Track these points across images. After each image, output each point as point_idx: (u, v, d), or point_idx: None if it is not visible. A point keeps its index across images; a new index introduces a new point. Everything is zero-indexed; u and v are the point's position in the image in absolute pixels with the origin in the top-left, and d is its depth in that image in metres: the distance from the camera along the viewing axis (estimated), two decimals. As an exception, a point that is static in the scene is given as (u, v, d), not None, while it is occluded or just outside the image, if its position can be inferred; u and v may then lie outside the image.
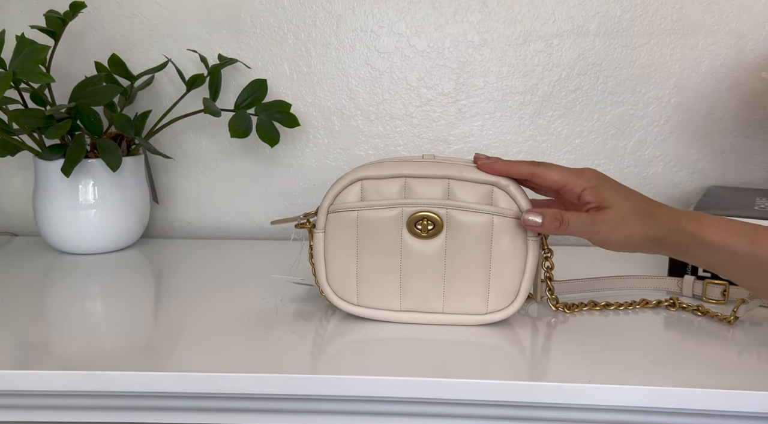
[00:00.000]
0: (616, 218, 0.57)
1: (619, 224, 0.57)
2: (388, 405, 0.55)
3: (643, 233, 0.57)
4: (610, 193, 0.58)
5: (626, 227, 0.57)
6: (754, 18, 0.89)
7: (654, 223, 0.57)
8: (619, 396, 0.52)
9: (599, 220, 0.57)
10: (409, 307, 0.63)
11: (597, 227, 0.57)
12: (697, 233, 0.55)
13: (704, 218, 0.56)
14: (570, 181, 0.59)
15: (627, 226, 0.57)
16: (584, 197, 0.58)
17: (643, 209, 0.58)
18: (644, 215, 0.57)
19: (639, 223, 0.57)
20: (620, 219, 0.57)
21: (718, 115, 0.93)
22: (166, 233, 1.00)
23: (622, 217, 0.57)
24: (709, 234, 0.55)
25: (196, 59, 0.93)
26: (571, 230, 0.58)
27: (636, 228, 0.57)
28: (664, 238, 0.57)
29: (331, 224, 0.62)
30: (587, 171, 0.60)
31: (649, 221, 0.57)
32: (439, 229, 0.61)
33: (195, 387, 0.54)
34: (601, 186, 0.58)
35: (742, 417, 0.53)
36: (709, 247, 0.55)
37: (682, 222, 0.56)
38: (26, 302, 0.71)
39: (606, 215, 0.57)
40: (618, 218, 0.57)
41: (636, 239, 0.57)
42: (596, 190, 0.58)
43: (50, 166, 0.83)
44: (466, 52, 0.93)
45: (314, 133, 0.96)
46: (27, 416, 0.57)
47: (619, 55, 0.92)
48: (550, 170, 0.60)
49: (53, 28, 0.81)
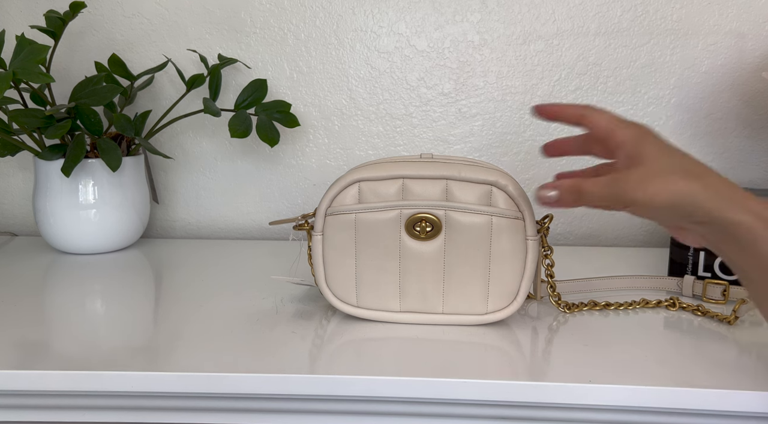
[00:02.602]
0: (647, 173, 0.47)
1: (650, 179, 0.46)
2: (388, 405, 0.55)
3: (680, 192, 0.45)
4: (650, 147, 0.48)
5: (657, 184, 0.46)
6: (754, 18, 0.89)
7: (701, 186, 0.45)
8: (619, 396, 0.52)
9: (624, 178, 0.48)
10: (408, 308, 0.63)
11: (621, 186, 0.48)
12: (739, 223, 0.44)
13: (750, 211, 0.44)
14: (615, 129, 0.51)
15: (658, 182, 0.46)
16: (623, 149, 0.50)
17: (687, 169, 0.46)
18: (687, 175, 0.46)
19: (677, 181, 0.46)
20: (652, 174, 0.47)
21: (718, 115, 0.93)
22: (166, 233, 1.00)
23: (655, 172, 0.47)
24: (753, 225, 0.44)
25: (196, 59, 0.93)
26: (592, 199, 0.49)
27: (671, 186, 0.46)
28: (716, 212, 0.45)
29: (329, 227, 0.62)
30: (637, 124, 0.51)
31: (692, 182, 0.45)
32: (438, 230, 0.61)
33: (195, 387, 0.54)
34: (645, 139, 0.49)
35: (742, 417, 0.53)
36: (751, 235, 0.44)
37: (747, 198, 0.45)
38: (26, 302, 0.71)
39: (634, 171, 0.48)
40: (649, 173, 0.47)
41: (668, 199, 0.46)
42: (636, 142, 0.49)
43: (50, 166, 0.83)
44: (466, 52, 0.93)
45: (314, 133, 0.96)
46: (27, 416, 0.57)
47: (619, 55, 0.92)
48: (600, 115, 0.53)
49: (53, 28, 0.81)
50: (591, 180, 0.50)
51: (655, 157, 0.48)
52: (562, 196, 0.50)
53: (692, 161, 0.48)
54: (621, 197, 0.48)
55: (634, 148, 0.49)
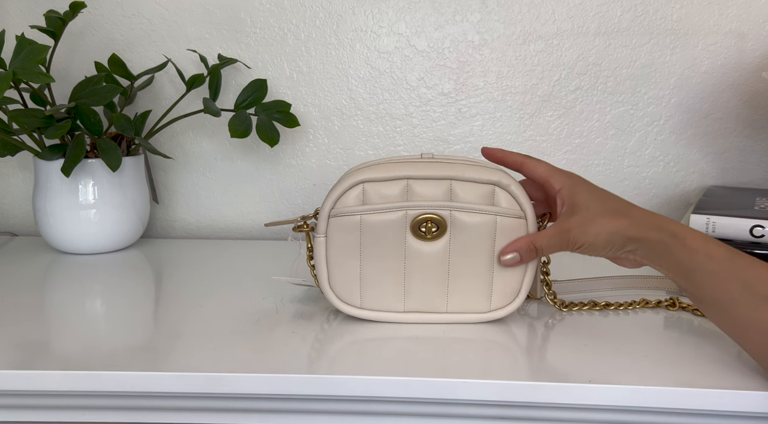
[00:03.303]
0: (584, 219, 0.57)
1: (588, 224, 0.57)
2: (388, 405, 0.55)
3: (612, 229, 0.56)
4: (583, 195, 0.58)
5: (595, 227, 0.57)
6: (754, 18, 0.89)
7: (627, 221, 0.57)
8: (619, 396, 0.52)
9: (568, 226, 0.58)
10: (412, 308, 0.63)
11: (567, 235, 0.58)
12: (679, 232, 0.55)
13: (683, 225, 0.56)
14: (551, 178, 0.60)
15: (595, 225, 0.57)
16: (560, 196, 0.59)
17: (615, 209, 0.58)
18: (615, 214, 0.57)
19: (608, 221, 0.57)
20: (589, 220, 0.57)
21: (718, 115, 0.93)
22: (166, 233, 1.00)
23: (591, 217, 0.57)
24: (690, 237, 0.55)
25: (196, 59, 0.93)
26: (547, 250, 0.59)
27: (605, 226, 0.57)
28: (640, 237, 0.56)
29: (332, 229, 0.62)
30: (570, 174, 0.60)
31: (620, 219, 0.57)
32: (443, 230, 0.61)
33: (195, 387, 0.54)
34: (577, 188, 0.59)
35: (742, 417, 0.53)
36: (689, 248, 0.54)
37: (662, 221, 0.56)
38: (26, 301, 0.71)
39: (574, 219, 0.58)
40: (586, 219, 0.57)
41: (606, 237, 0.57)
42: (571, 191, 0.59)
43: (50, 166, 0.83)
44: (466, 52, 0.93)
45: (314, 133, 0.96)
46: (27, 416, 0.57)
47: (619, 55, 0.92)
48: (538, 165, 0.61)
49: (53, 28, 0.81)
50: (542, 235, 0.59)
51: (588, 205, 0.58)
52: (523, 256, 0.60)
53: (619, 201, 0.59)
54: (570, 244, 0.58)
55: (570, 197, 0.59)
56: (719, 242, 0.55)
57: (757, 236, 0.72)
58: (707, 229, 0.74)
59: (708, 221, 0.73)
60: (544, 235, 0.59)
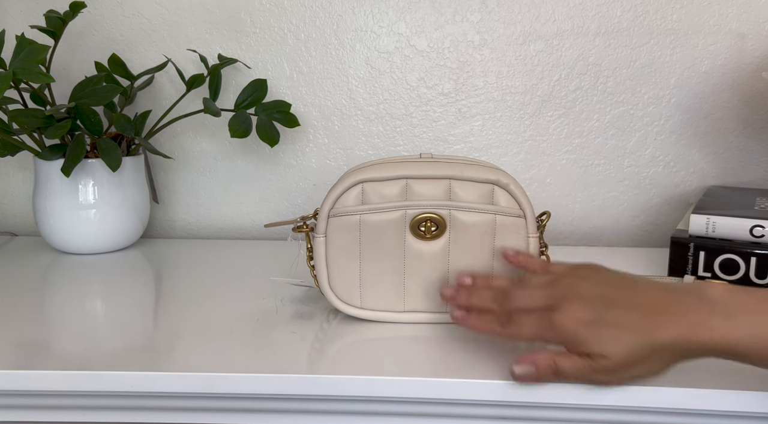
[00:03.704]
0: (612, 367, 0.49)
1: (619, 370, 0.50)
2: (388, 405, 0.55)
3: (654, 369, 0.50)
4: (594, 342, 0.49)
5: (629, 371, 0.50)
6: (754, 18, 0.89)
7: (664, 355, 0.49)
8: (619, 396, 0.52)
9: (596, 370, 0.50)
10: (412, 307, 0.63)
11: (596, 377, 0.51)
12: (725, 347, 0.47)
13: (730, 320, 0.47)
14: (544, 335, 0.51)
15: (630, 370, 0.50)
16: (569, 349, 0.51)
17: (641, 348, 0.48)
18: (646, 353, 0.48)
19: (643, 363, 0.49)
20: (618, 366, 0.49)
21: (718, 115, 0.93)
22: (166, 233, 1.00)
23: (620, 363, 0.49)
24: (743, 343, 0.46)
25: (196, 59, 0.93)
26: (567, 377, 0.51)
27: (642, 368, 0.49)
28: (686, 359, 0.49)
29: (332, 229, 0.62)
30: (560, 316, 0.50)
31: (656, 358, 0.49)
32: (443, 230, 0.61)
33: (195, 387, 0.54)
34: (581, 334, 0.49)
35: (742, 417, 0.53)
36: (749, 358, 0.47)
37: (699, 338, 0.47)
38: (26, 301, 0.71)
39: (600, 366, 0.49)
40: (615, 366, 0.49)
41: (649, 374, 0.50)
42: (576, 343, 0.50)
43: (50, 166, 0.83)
44: (466, 52, 0.93)
45: (314, 133, 0.96)
46: (27, 416, 0.57)
47: (619, 55, 0.92)
48: (520, 329, 0.52)
49: (53, 28, 0.81)
50: (567, 360, 0.50)
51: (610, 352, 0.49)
52: (539, 373, 0.51)
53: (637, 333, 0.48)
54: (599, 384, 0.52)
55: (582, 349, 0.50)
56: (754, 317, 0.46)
57: (757, 236, 0.72)
58: (707, 229, 0.74)
59: (708, 221, 0.73)
60: (572, 362, 0.50)
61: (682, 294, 0.49)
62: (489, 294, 0.56)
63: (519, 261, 0.59)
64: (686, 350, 0.48)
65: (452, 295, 0.58)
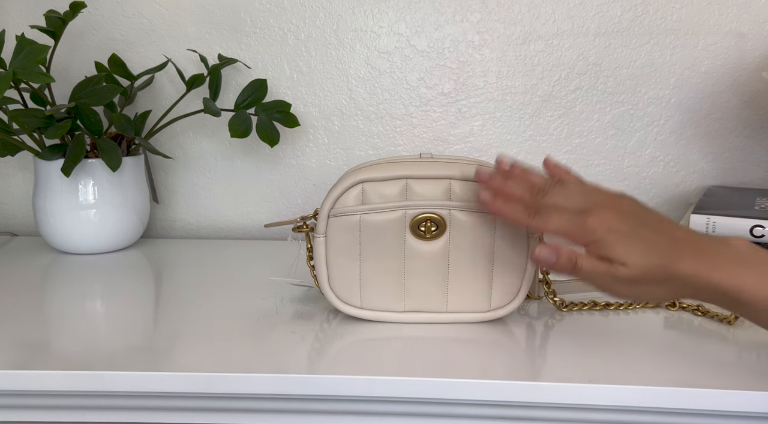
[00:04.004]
0: (629, 277, 0.51)
1: (633, 283, 0.51)
2: (388, 405, 0.55)
3: (662, 294, 0.52)
4: (621, 248, 0.51)
5: (641, 287, 0.51)
6: (754, 18, 0.89)
7: (676, 283, 0.50)
8: (619, 396, 0.52)
9: (612, 276, 0.51)
10: (412, 307, 0.63)
11: (609, 283, 0.52)
12: (735, 291, 0.48)
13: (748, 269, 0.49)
14: (571, 232, 0.52)
15: (642, 286, 0.51)
16: (592, 251, 0.52)
17: (662, 268, 0.50)
18: (663, 276, 0.50)
19: (656, 285, 0.51)
20: (634, 278, 0.51)
21: (718, 115, 0.93)
22: (166, 233, 1.00)
23: (637, 276, 0.50)
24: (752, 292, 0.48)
25: (196, 59, 0.93)
26: (583, 277, 0.53)
27: (653, 289, 0.51)
28: (693, 295, 0.51)
29: (332, 229, 0.62)
30: (594, 219, 0.51)
31: (669, 283, 0.51)
32: (443, 230, 0.61)
33: (195, 387, 0.54)
34: (610, 240, 0.51)
35: (742, 417, 0.53)
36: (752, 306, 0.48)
37: (715, 277, 0.49)
38: (26, 301, 0.71)
39: (619, 273, 0.51)
40: (632, 277, 0.51)
41: (654, 298, 0.53)
42: (603, 245, 0.51)
43: (50, 166, 0.83)
44: (466, 52, 0.93)
45: (314, 133, 0.96)
46: (27, 416, 0.57)
47: (619, 55, 0.92)
48: (548, 221, 0.53)
49: (53, 28, 0.81)
50: (588, 260, 0.52)
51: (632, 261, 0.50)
52: (560, 262, 0.53)
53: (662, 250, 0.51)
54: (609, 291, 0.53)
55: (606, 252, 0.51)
56: None
57: (758, 236, 0.72)
58: (707, 229, 0.74)
59: (708, 221, 0.74)
60: (592, 264, 0.52)
61: (709, 238, 0.52)
62: (525, 184, 0.56)
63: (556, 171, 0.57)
64: (700, 286, 0.50)
65: (488, 177, 0.57)
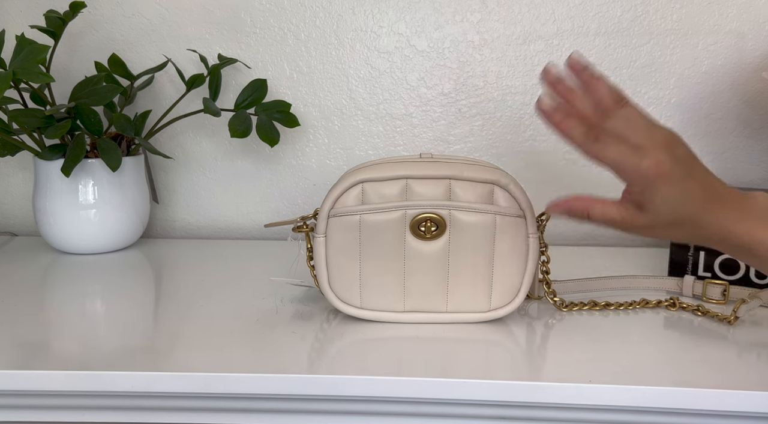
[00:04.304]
0: (647, 225, 0.53)
1: (651, 230, 0.53)
2: (389, 405, 0.55)
3: (678, 236, 0.54)
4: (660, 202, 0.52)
5: (658, 232, 0.53)
6: (754, 18, 0.89)
7: (697, 230, 0.53)
8: (619, 396, 0.52)
9: (629, 223, 0.53)
10: (412, 307, 0.63)
11: (628, 227, 0.54)
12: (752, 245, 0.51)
13: (763, 226, 0.51)
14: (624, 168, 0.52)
15: (659, 231, 0.53)
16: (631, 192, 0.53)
17: (689, 217, 0.52)
18: (687, 223, 0.52)
19: (676, 228, 0.53)
20: (652, 226, 0.53)
21: (718, 115, 0.93)
22: (166, 233, 1.00)
23: (656, 225, 0.53)
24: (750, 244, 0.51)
25: (196, 59, 0.93)
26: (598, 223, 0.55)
27: (671, 232, 0.53)
28: (708, 242, 0.53)
29: (332, 229, 0.62)
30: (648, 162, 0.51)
31: (689, 228, 0.53)
32: (443, 230, 0.61)
33: (195, 387, 0.54)
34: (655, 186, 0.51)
35: (742, 417, 0.53)
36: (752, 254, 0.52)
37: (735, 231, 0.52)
38: (26, 302, 0.71)
39: (637, 220, 0.53)
40: (650, 225, 0.53)
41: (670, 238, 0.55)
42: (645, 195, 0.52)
43: (50, 166, 0.83)
44: (466, 52, 0.93)
45: (314, 133, 0.96)
46: (27, 416, 0.57)
47: (619, 55, 0.92)
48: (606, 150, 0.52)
49: (53, 28, 0.81)
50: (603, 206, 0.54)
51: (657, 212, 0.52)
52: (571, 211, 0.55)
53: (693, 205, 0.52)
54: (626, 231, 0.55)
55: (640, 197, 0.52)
56: None
57: (757, 236, 0.71)
58: (707, 229, 0.74)
59: (708, 221, 0.73)
60: (606, 209, 0.54)
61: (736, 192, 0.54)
62: (591, 103, 0.54)
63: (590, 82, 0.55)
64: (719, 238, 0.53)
65: (556, 79, 0.54)
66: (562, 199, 0.56)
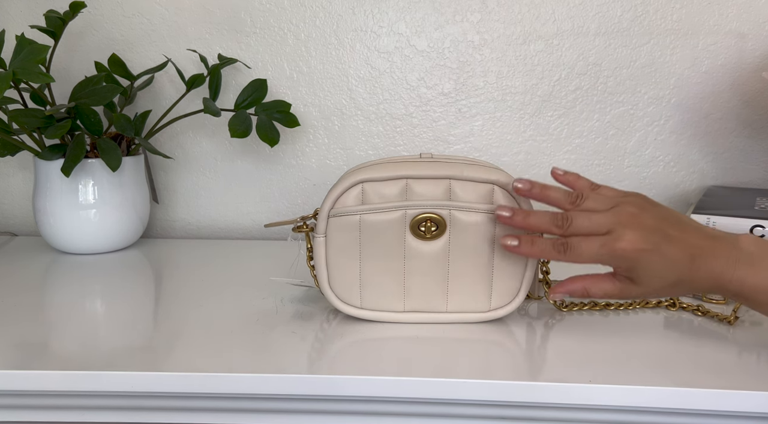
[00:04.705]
0: (643, 293, 0.56)
1: (649, 295, 0.57)
2: (388, 405, 0.55)
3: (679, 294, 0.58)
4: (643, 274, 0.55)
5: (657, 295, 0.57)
6: (754, 18, 0.89)
7: (692, 287, 0.55)
8: (619, 396, 0.52)
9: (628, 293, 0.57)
10: (412, 307, 0.63)
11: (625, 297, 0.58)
12: (740, 289, 0.53)
13: (754, 268, 0.53)
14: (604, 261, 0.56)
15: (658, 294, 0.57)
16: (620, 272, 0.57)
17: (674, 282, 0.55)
18: (671, 287, 0.55)
19: (673, 292, 0.56)
20: (648, 293, 0.56)
21: (718, 115, 0.93)
22: (166, 233, 1.00)
23: (651, 292, 0.56)
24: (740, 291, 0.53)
25: (196, 59, 0.93)
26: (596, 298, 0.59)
27: (670, 293, 0.57)
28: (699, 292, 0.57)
29: (332, 229, 0.62)
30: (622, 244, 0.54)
31: (680, 288, 0.56)
32: (443, 230, 0.61)
33: (195, 387, 0.54)
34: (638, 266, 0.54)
35: (742, 417, 0.53)
36: (754, 299, 0.54)
37: (723, 280, 0.54)
38: (26, 302, 0.71)
39: (633, 292, 0.56)
40: (646, 292, 0.56)
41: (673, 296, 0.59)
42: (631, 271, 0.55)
43: (50, 166, 0.83)
44: (466, 52, 0.93)
45: (314, 133, 0.96)
46: (27, 416, 0.57)
47: (619, 55, 0.92)
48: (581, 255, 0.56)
49: (53, 28, 0.81)
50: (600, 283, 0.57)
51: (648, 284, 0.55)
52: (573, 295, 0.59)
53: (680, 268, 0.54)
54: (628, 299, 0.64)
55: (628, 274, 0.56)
56: None
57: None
58: (707, 229, 0.74)
59: (708, 221, 0.73)
60: (602, 285, 0.57)
61: (718, 240, 0.55)
62: (547, 217, 0.57)
63: (567, 180, 0.61)
64: (707, 288, 0.55)
65: (509, 217, 0.58)
66: (559, 283, 0.59)
